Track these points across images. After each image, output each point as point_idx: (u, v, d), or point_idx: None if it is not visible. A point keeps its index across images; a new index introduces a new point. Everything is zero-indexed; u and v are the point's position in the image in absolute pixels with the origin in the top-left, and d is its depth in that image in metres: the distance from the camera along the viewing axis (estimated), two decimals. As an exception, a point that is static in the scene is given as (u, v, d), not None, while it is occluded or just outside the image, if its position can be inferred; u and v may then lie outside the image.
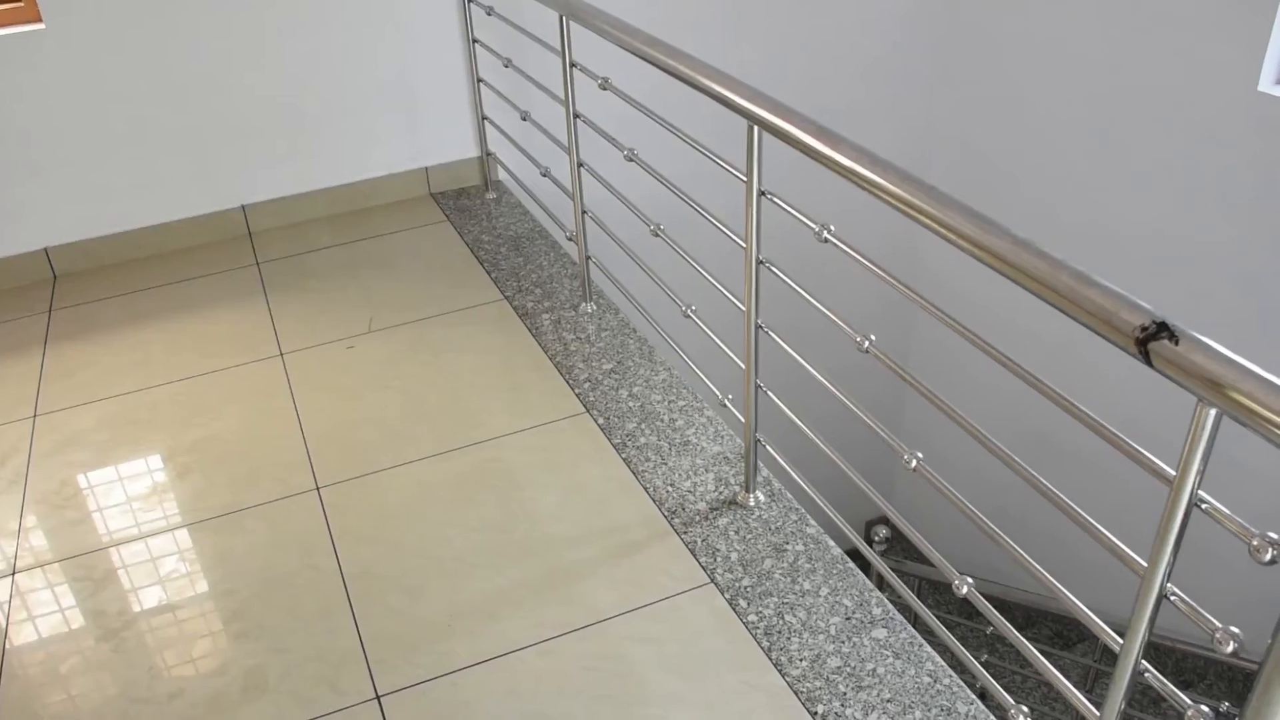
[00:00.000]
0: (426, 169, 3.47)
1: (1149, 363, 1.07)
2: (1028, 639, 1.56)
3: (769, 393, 1.95)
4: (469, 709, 1.73)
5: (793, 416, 1.89)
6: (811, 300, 1.71)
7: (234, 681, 1.82)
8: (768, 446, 2.03)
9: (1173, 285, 3.29)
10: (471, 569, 2.00)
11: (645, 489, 2.15)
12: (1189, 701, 1.20)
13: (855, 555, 3.58)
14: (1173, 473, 1.10)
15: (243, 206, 3.26)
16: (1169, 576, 1.16)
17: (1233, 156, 3.05)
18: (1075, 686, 1.75)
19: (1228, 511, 1.08)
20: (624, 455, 2.24)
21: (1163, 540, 1.13)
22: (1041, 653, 3.56)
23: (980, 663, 3.84)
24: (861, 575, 1.92)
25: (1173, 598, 1.17)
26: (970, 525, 1.43)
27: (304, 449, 2.35)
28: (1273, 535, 1.03)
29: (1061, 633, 4.51)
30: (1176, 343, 1.04)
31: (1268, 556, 1.03)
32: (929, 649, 1.76)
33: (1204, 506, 1.10)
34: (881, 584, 4.15)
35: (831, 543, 1.99)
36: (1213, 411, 1.04)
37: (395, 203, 3.47)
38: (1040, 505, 3.60)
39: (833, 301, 1.72)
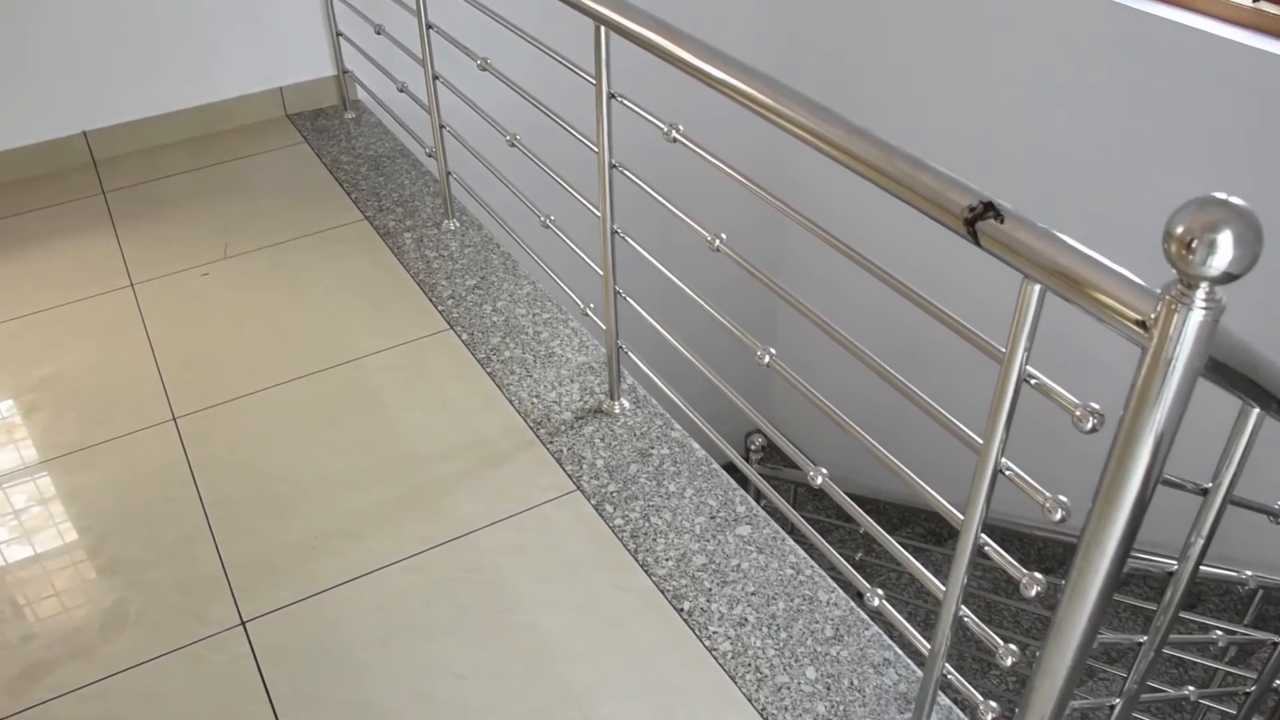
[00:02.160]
0: (281, 89, 3.34)
1: (977, 242, 1.09)
2: (902, 536, 1.61)
3: (629, 300, 1.95)
4: (336, 627, 1.72)
5: (652, 322, 1.89)
6: (662, 200, 1.71)
7: (92, 619, 1.77)
8: (630, 353, 2.03)
9: (1031, 190, 3.38)
10: (336, 490, 1.97)
11: (510, 402, 2.14)
12: (1024, 571, 1.25)
13: (732, 469, 3.64)
14: (1003, 350, 1.12)
15: (84, 133, 3.10)
16: (1003, 452, 1.19)
17: (1087, 63, 3.12)
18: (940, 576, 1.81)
19: (1054, 385, 1.11)
20: (488, 370, 2.23)
21: (995, 415, 1.16)
22: (916, 549, 3.67)
23: (855, 560, 3.95)
24: (725, 475, 1.94)
25: (1007, 473, 1.21)
26: (846, 438, 1.44)
27: (159, 380, 2.28)
28: (1094, 405, 1.07)
29: (934, 530, 4.67)
30: (1002, 221, 1.06)
31: (1089, 425, 1.06)
32: (791, 543, 1.80)
33: (1033, 382, 1.14)
34: (760, 495, 4.23)
35: (696, 445, 2.01)
36: (1037, 288, 1.07)
37: (250, 125, 3.35)
38: (910, 416, 3.68)
39: (705, 214, 1.70)
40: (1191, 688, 1.82)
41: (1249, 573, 1.63)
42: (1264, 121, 2.69)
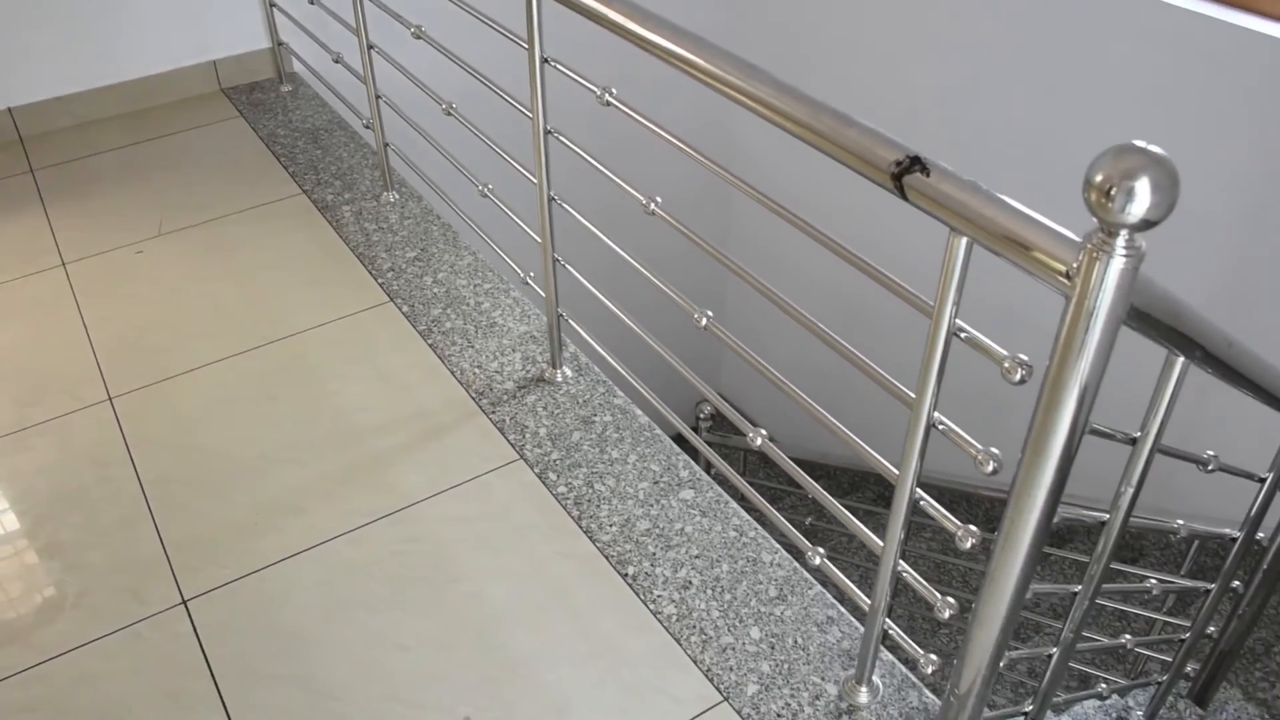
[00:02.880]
0: (215, 62, 3.28)
1: (904, 196, 1.09)
2: (852, 500, 1.62)
3: (569, 268, 1.94)
4: (279, 603, 1.70)
5: (591, 289, 1.88)
6: (597, 165, 1.70)
7: (28, 604, 1.74)
8: (571, 321, 2.02)
9: (965, 148, 3.40)
10: (277, 465, 1.95)
11: (452, 373, 2.12)
12: (958, 523, 1.26)
13: (681, 440, 3.65)
14: (931, 303, 1.13)
15: (9, 109, 3.03)
16: (935, 406, 1.20)
17: (1016, 22, 3.14)
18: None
19: (983, 338, 1.12)
20: (430, 341, 2.21)
21: (926, 369, 1.17)
22: (866, 512, 3.69)
23: (805, 525, 3.98)
24: (669, 441, 1.95)
25: (940, 427, 1.22)
26: (796, 406, 1.44)
27: (93, 360, 2.24)
28: (1022, 357, 1.08)
29: (884, 495, 4.71)
30: (928, 175, 1.06)
31: (1018, 376, 1.07)
32: (734, 506, 1.81)
33: (963, 336, 1.14)
34: (710, 466, 4.25)
35: (639, 412, 2.01)
36: (963, 240, 1.07)
37: (184, 100, 3.28)
38: (856, 382, 3.71)
39: (650, 183, 1.69)
40: (1128, 636, 1.85)
41: (1180, 522, 1.66)
42: (1185, 77, 2.73)
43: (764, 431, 1.56)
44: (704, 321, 1.58)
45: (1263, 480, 1.72)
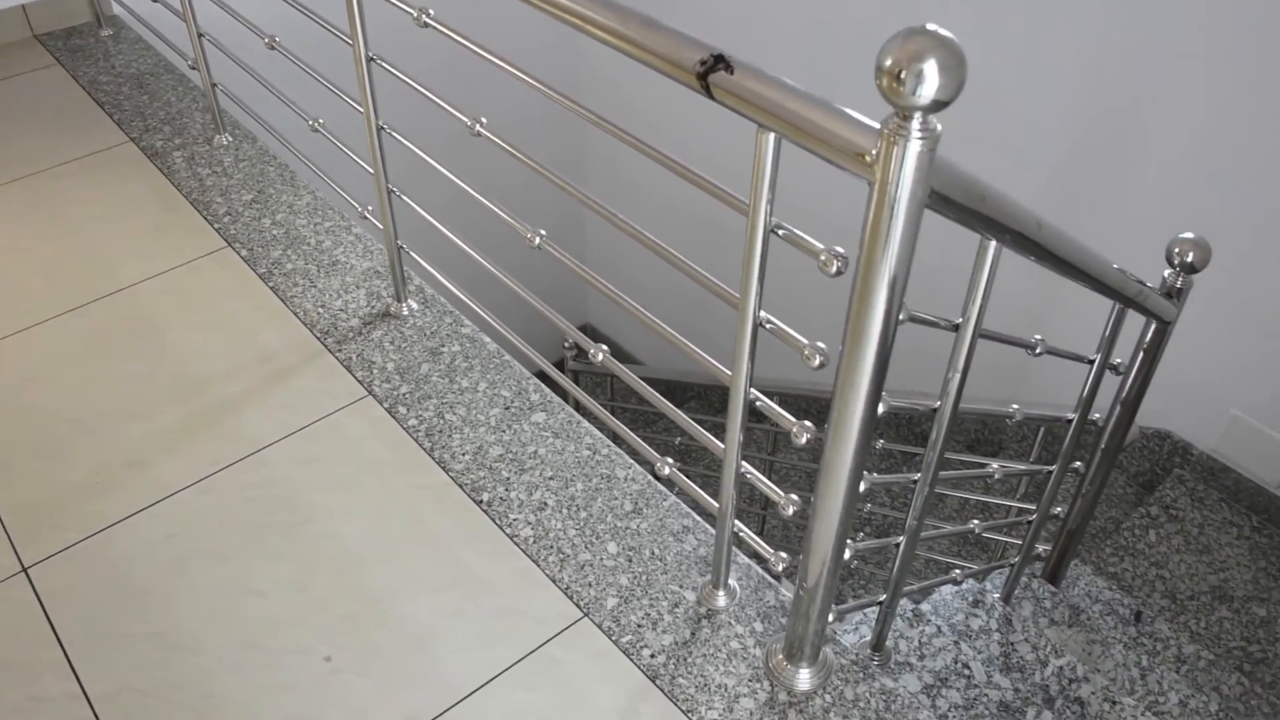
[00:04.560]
0: (24, 6, 3.09)
1: (710, 95, 1.08)
2: (722, 419, 1.63)
3: (404, 197, 1.89)
4: (126, 561, 1.65)
5: (430, 219, 1.85)
6: (420, 89, 1.65)
7: None
8: (413, 254, 1.98)
9: (785, 48, 3.43)
10: (117, 422, 1.88)
11: (295, 314, 2.07)
12: (793, 420, 1.28)
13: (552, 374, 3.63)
14: (746, 201, 1.13)
15: None
16: (760, 305, 1.21)
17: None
18: (759, 452, 1.81)
19: (800, 233, 1.13)
20: (270, 284, 2.15)
21: (748, 268, 1.18)
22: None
23: (675, 445, 4.02)
24: (519, 366, 1.94)
25: (768, 326, 1.23)
26: (664, 340, 1.42)
27: (-89, 327, 2.12)
28: (838, 249, 1.09)
29: (755, 412, 4.79)
30: (732, 72, 1.06)
31: (834, 268, 1.09)
32: (587, 425, 1.81)
33: (781, 233, 1.15)
34: (581, 407, 4.25)
35: (487, 340, 1.99)
36: (770, 136, 1.07)
37: (-6, 50, 3.10)
38: (715, 307, 3.73)
39: (497, 113, 1.65)
40: (976, 521, 1.92)
41: (1015, 406, 1.71)
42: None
43: (604, 348, 1.55)
44: (536, 240, 1.56)
45: (1091, 362, 1.78)
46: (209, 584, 1.62)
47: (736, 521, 1.46)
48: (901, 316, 1.13)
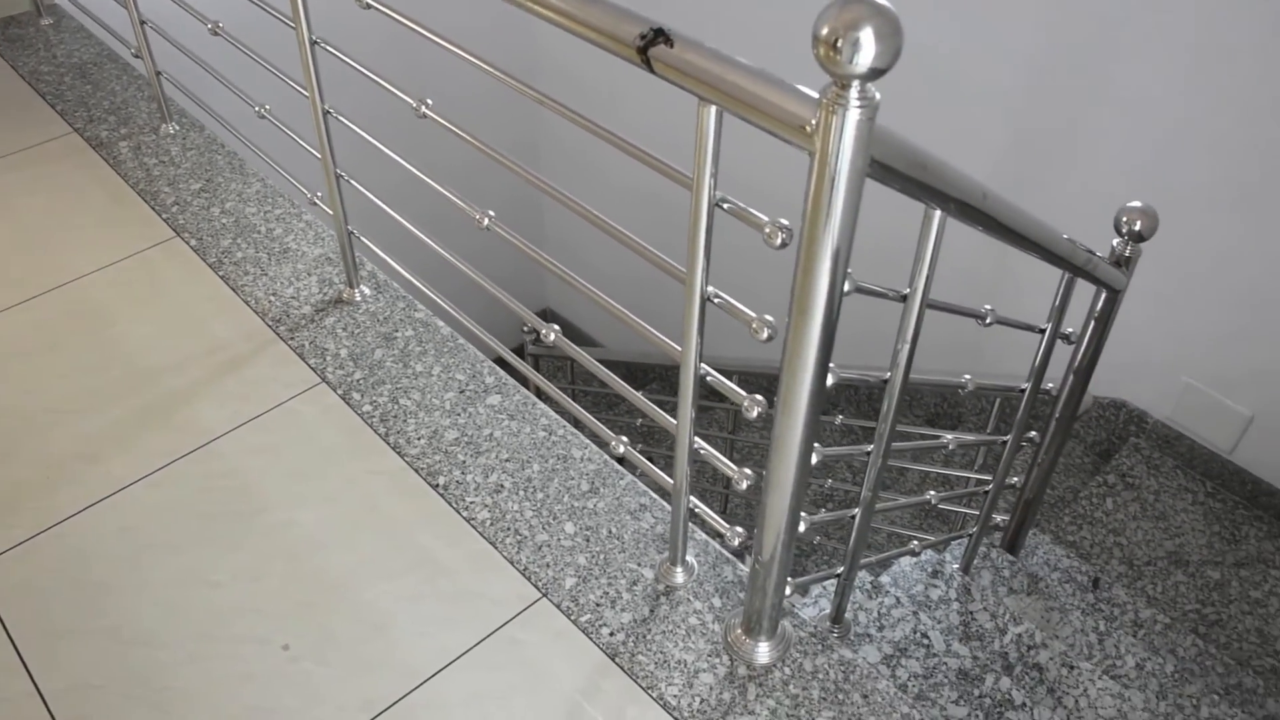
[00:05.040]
0: (-39, -1, 3.04)
1: (651, 69, 1.08)
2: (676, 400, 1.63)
3: (353, 182, 1.88)
4: (79, 557, 1.63)
5: (380, 203, 1.83)
6: (364, 71, 1.64)
7: None
8: (364, 239, 1.97)
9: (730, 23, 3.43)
10: (66, 417, 1.86)
11: (247, 303, 2.05)
12: (743, 394, 1.28)
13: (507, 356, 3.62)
14: (689, 175, 1.13)
15: None
16: (707, 279, 1.21)
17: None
18: (720, 430, 1.82)
19: (744, 206, 1.13)
20: (221, 273, 2.12)
21: (694, 242, 1.18)
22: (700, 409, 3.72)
23: (636, 426, 4.02)
24: (473, 349, 1.93)
25: (716, 300, 1.23)
26: (625, 327, 1.41)
27: None
28: (783, 221, 1.09)
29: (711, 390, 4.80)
30: (672, 45, 1.05)
31: (779, 240, 1.09)
32: (542, 407, 1.81)
33: (726, 206, 1.15)
34: (542, 394, 4.24)
35: (441, 323, 1.98)
36: (712, 109, 1.07)
37: (-68, 43, 3.04)
38: (671, 288, 3.73)
39: (451, 98, 1.62)
40: (933, 493, 1.94)
41: (967, 377, 1.73)
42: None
43: (556, 328, 1.55)
44: (485, 222, 1.55)
45: (1042, 331, 1.80)
46: (163, 576, 1.60)
47: (692, 498, 1.47)
48: (847, 288, 1.13)
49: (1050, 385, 2.00)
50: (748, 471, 1.36)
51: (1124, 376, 3.13)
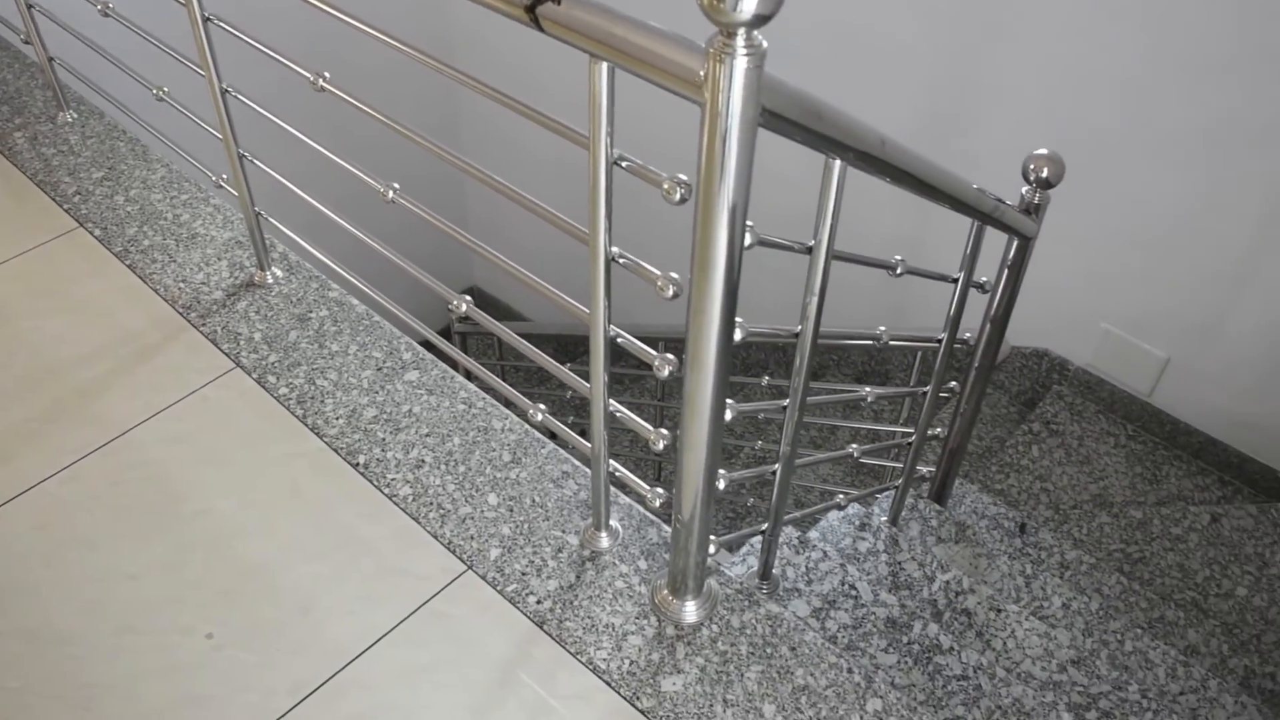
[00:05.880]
0: None
1: (540, 27, 1.07)
2: (618, 368, 1.62)
3: (256, 162, 1.84)
4: (-10, 556, 1.59)
5: (286, 183, 1.79)
6: (259, 46, 1.60)
7: None
8: (272, 220, 1.93)
9: None
10: (-29, 416, 1.81)
11: (156, 291, 2.00)
12: (654, 353, 1.28)
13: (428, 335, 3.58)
14: (585, 134, 1.12)
15: None
16: (611, 240, 1.21)
17: None
18: (650, 399, 1.80)
19: (642, 163, 1.13)
20: (127, 262, 2.07)
21: (594, 202, 1.17)
22: (635, 378, 3.72)
23: (567, 399, 4.01)
24: (389, 326, 1.91)
25: (621, 260, 1.22)
26: (548, 300, 1.39)
27: None
28: (681, 176, 1.08)
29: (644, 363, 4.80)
30: (559, 3, 1.04)
31: (678, 196, 1.08)
32: (461, 380, 1.80)
33: (624, 165, 1.14)
34: (470, 375, 4.21)
35: (355, 301, 1.95)
36: (603, 66, 1.06)
37: None
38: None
39: (365, 81, 1.58)
40: (855, 446, 1.96)
41: (882, 329, 1.74)
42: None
43: (468, 299, 1.54)
44: (390, 195, 1.53)
45: (955, 281, 1.82)
46: (79, 573, 1.57)
47: (613, 462, 1.46)
48: (748, 241, 1.13)
49: (968, 335, 2.02)
50: (664, 432, 1.36)
51: (1045, 326, 3.18)
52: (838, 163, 1.22)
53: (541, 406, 1.52)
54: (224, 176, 1.98)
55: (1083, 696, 1.91)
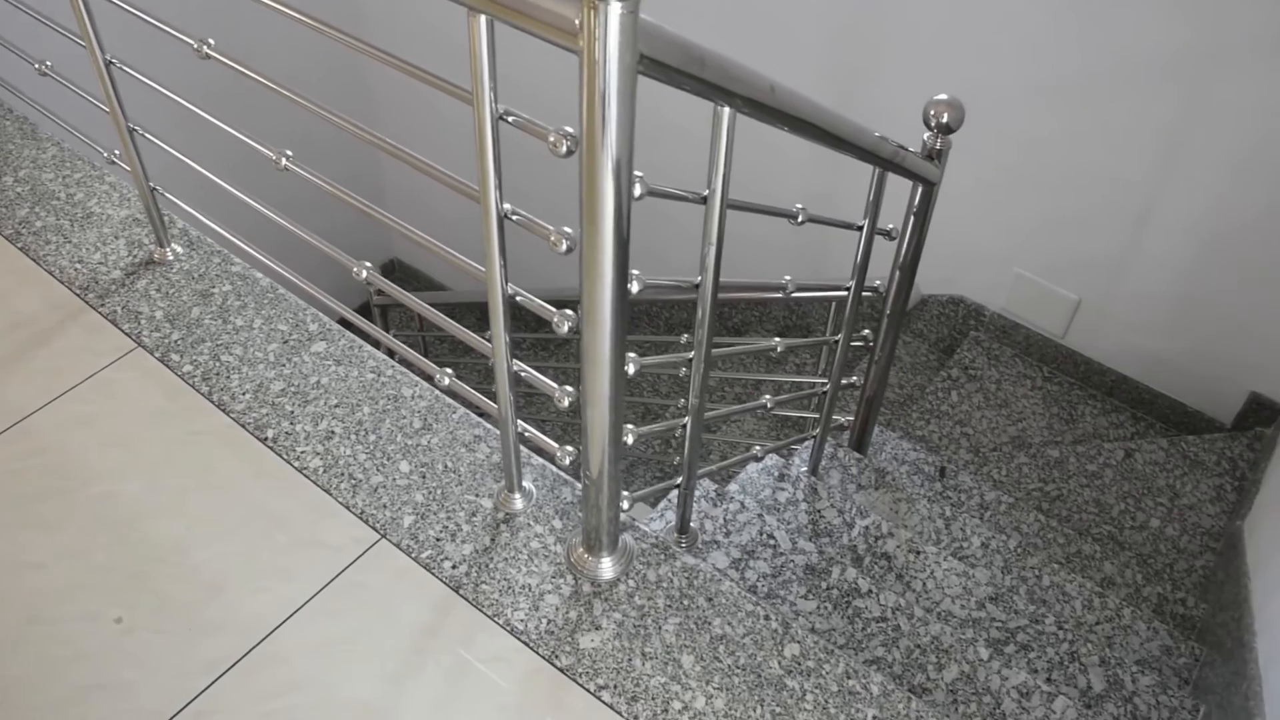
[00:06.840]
0: None
1: (416, -19, 1.05)
2: (542, 334, 1.61)
3: (148, 135, 1.79)
4: (-113, 552, 1.55)
5: (182, 157, 1.75)
6: (141, 15, 1.56)
7: None
8: (169, 195, 1.89)
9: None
10: None
11: (51, 273, 1.95)
12: (553, 310, 1.27)
13: (340, 308, 3.53)
14: (468, 89, 1.11)
15: None
16: (502, 196, 1.19)
17: None
18: (575, 362, 1.76)
19: (528, 117, 1.11)
20: (20, 245, 2.01)
21: (482, 158, 1.15)
22: (551, 343, 3.69)
23: (487, 367, 3.99)
24: (294, 299, 1.88)
25: (514, 217, 1.21)
26: (452, 265, 1.37)
27: None
28: (567, 129, 1.07)
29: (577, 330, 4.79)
30: (435, -46, 1.02)
31: (564, 149, 1.07)
32: (369, 349, 1.78)
33: (510, 119, 1.13)
34: (392, 353, 4.17)
35: (260, 275, 1.92)
36: (481, 18, 1.05)
37: None
38: (521, 237, 3.66)
39: (276, 60, 1.54)
40: (768, 397, 1.97)
41: (787, 277, 1.75)
42: None
43: (368, 264, 1.52)
44: (283, 163, 1.50)
45: (860, 229, 1.83)
46: (-18, 564, 1.53)
47: (521, 422, 1.46)
48: (638, 191, 1.13)
49: (879, 283, 2.04)
50: (569, 389, 1.36)
51: (959, 273, 3.22)
52: (726, 110, 1.21)
53: (448, 371, 1.50)
54: (116, 151, 1.93)
55: (1001, 631, 1.95)
